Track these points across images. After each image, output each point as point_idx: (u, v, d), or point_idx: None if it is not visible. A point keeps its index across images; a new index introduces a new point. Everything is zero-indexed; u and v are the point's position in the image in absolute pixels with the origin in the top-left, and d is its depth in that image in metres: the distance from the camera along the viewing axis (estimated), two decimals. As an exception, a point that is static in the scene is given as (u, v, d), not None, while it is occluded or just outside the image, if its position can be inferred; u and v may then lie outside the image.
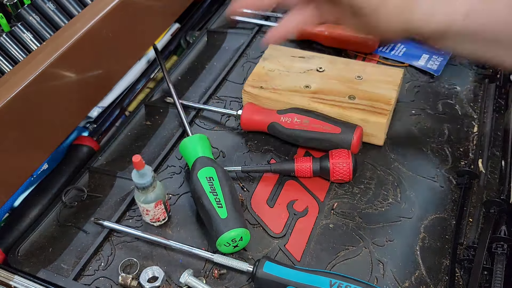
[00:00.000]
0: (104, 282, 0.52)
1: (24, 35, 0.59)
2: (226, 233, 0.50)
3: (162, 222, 0.57)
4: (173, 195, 0.61)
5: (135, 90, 0.79)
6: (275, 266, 0.49)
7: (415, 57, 0.76)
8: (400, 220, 0.56)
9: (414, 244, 0.54)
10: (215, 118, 0.70)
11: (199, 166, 0.56)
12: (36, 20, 0.60)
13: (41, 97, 0.54)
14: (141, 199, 0.53)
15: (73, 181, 0.63)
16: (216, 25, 0.88)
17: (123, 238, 0.56)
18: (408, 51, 0.77)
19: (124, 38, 0.65)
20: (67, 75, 0.57)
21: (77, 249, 0.56)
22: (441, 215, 0.56)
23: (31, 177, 0.63)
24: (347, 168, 0.58)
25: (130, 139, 0.70)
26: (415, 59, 0.75)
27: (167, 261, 0.54)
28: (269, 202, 0.59)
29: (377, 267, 0.52)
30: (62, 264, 0.55)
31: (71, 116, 0.60)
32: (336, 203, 0.58)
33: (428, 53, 0.76)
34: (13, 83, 0.51)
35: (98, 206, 0.60)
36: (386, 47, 0.78)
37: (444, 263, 0.52)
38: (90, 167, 0.65)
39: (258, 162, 0.64)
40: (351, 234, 0.55)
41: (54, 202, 0.61)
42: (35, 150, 0.56)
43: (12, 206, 0.62)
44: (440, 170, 0.61)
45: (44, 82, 0.54)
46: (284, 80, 0.67)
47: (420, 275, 0.51)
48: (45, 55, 0.54)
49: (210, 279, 0.52)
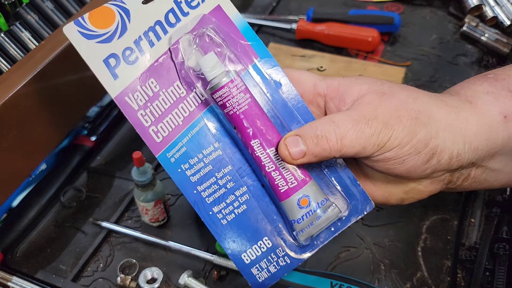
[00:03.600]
0: (103, 283, 0.52)
1: (23, 34, 0.58)
2: (226, 234, 0.50)
3: (162, 223, 0.57)
4: (173, 196, 0.60)
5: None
6: (275, 267, 0.49)
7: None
8: (401, 220, 0.56)
9: (416, 245, 0.53)
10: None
11: (198, 166, 0.56)
12: (35, 19, 0.60)
13: (39, 96, 0.54)
14: (141, 198, 0.53)
15: (71, 182, 0.63)
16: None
17: (122, 239, 0.56)
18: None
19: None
20: (66, 74, 0.57)
21: (76, 250, 0.56)
22: (442, 216, 0.56)
23: (29, 177, 0.63)
24: (348, 168, 0.57)
25: (128, 139, 0.69)
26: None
27: (166, 262, 0.53)
28: (269, 203, 0.58)
29: (378, 268, 0.52)
30: (61, 265, 0.54)
31: (70, 116, 0.60)
32: (337, 203, 0.58)
33: None
34: (12, 82, 0.51)
35: (97, 206, 0.60)
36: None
37: (446, 264, 0.52)
38: (88, 167, 0.64)
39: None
40: (352, 235, 0.55)
41: (53, 202, 0.61)
42: (33, 150, 0.55)
43: (10, 206, 0.62)
44: (442, 170, 0.60)
45: (42, 81, 0.53)
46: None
47: (422, 276, 0.51)
48: (43, 54, 0.54)
49: (209, 280, 0.52)
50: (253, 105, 0.36)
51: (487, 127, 0.36)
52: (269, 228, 0.38)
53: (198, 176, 0.38)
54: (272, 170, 0.36)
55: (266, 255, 0.38)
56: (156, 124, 0.37)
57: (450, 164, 0.36)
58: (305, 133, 0.35)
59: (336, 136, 0.35)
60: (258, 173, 0.38)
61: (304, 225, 0.37)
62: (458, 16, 0.82)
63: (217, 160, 0.38)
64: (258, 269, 0.38)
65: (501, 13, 0.78)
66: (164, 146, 0.37)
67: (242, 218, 0.38)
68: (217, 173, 0.38)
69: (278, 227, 0.38)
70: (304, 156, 0.35)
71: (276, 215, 0.39)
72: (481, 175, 0.39)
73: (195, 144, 0.38)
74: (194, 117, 0.38)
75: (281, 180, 0.36)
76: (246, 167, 0.38)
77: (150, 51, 0.37)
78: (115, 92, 0.36)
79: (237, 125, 0.36)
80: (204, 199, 0.38)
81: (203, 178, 0.38)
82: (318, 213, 0.36)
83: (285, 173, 0.36)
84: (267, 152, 0.36)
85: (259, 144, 0.36)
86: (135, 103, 0.37)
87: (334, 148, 0.35)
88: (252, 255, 0.38)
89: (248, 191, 0.38)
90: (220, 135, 0.38)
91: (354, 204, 0.38)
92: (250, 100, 0.36)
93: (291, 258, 0.38)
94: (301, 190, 0.36)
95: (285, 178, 0.36)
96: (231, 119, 0.36)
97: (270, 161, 0.36)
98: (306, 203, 0.36)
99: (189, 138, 0.38)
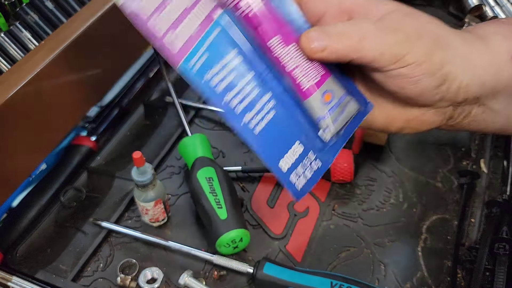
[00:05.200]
0: (103, 283, 0.52)
1: (23, 34, 0.58)
2: (226, 234, 0.50)
3: (162, 223, 0.57)
4: (173, 196, 0.60)
5: (134, 89, 0.78)
6: (275, 267, 0.49)
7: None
8: (401, 220, 0.56)
9: (416, 245, 0.53)
10: (215, 117, 0.70)
11: (198, 166, 0.56)
12: (35, 19, 0.60)
13: (39, 96, 0.54)
14: (141, 198, 0.53)
15: (71, 181, 0.63)
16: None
17: (122, 239, 0.56)
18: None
19: (123, 36, 0.65)
20: (66, 74, 0.57)
21: (76, 250, 0.56)
22: (442, 216, 0.56)
23: (29, 177, 0.63)
24: (348, 168, 0.57)
25: (128, 139, 0.69)
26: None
27: (166, 262, 0.53)
28: (270, 203, 0.58)
29: (378, 268, 0.52)
30: (61, 265, 0.54)
31: (70, 116, 0.60)
32: (337, 203, 0.58)
33: None
34: (12, 82, 0.51)
35: (97, 206, 0.60)
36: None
37: (446, 264, 0.52)
38: (88, 167, 0.64)
39: (258, 162, 0.63)
40: (352, 235, 0.55)
41: (53, 202, 0.61)
42: (33, 150, 0.55)
43: (10, 206, 0.62)
44: (442, 170, 0.60)
45: (42, 81, 0.53)
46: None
47: (422, 276, 0.51)
48: (43, 54, 0.54)
49: (209, 280, 0.52)
50: (267, 2, 0.35)
51: (495, 64, 0.37)
52: (298, 131, 0.38)
53: (224, 85, 0.36)
54: (292, 69, 0.36)
55: (300, 159, 0.38)
56: (172, 31, 0.35)
57: (457, 94, 0.37)
58: (328, 29, 0.36)
59: (358, 35, 0.35)
60: (279, 77, 0.37)
61: (329, 122, 0.37)
62: (458, 16, 0.82)
63: (239, 67, 0.36)
64: (296, 175, 0.38)
65: (501, 13, 0.78)
66: (184, 56, 0.35)
67: (273, 125, 0.37)
68: (241, 80, 0.36)
69: (306, 130, 0.38)
70: (324, 51, 0.35)
71: (302, 117, 0.38)
72: (480, 115, 0.40)
73: (214, 51, 0.36)
74: (209, 22, 0.36)
75: (303, 77, 0.36)
76: (268, 72, 0.37)
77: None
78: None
79: (252, 26, 0.35)
80: (233, 109, 0.36)
81: (229, 86, 0.36)
82: (341, 108, 0.37)
83: (306, 69, 0.36)
84: (286, 50, 0.35)
85: (278, 41, 0.35)
86: (146, 9, 0.35)
87: (354, 46, 0.35)
88: (288, 162, 0.37)
89: (273, 96, 0.37)
90: (237, 41, 0.37)
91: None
92: (269, 11, 0.35)
93: (322, 159, 0.38)
94: (323, 85, 0.36)
95: (307, 74, 0.36)
96: (246, 21, 0.35)
97: (290, 59, 0.35)
98: (329, 97, 0.37)
99: (208, 45, 0.36)
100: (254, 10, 0.35)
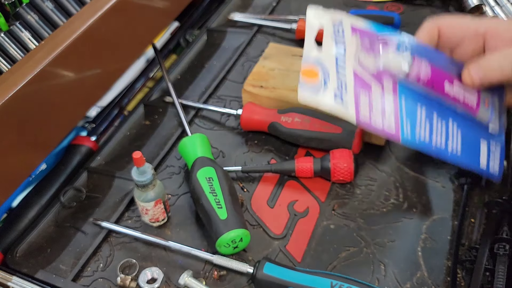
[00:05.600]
0: (103, 283, 0.52)
1: (23, 34, 0.58)
2: (226, 234, 0.50)
3: (162, 223, 0.57)
4: (172, 196, 0.60)
5: (134, 89, 0.79)
6: (275, 267, 0.49)
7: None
8: (401, 220, 0.56)
9: (416, 245, 0.53)
10: (215, 117, 0.70)
11: (198, 166, 0.56)
12: (35, 19, 0.60)
13: (39, 96, 0.54)
14: (141, 198, 0.53)
15: (71, 181, 0.63)
16: (215, 24, 0.87)
17: (122, 239, 0.56)
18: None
19: (123, 36, 0.65)
20: (66, 74, 0.57)
21: (76, 250, 0.56)
22: (443, 216, 0.56)
23: (29, 177, 0.63)
24: (348, 168, 0.57)
25: (129, 139, 0.69)
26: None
27: (166, 262, 0.53)
28: (270, 203, 0.58)
29: (378, 268, 0.52)
30: (61, 265, 0.54)
31: (70, 116, 0.60)
32: (337, 203, 0.58)
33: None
34: (12, 82, 0.51)
35: (97, 206, 0.60)
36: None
37: (446, 264, 0.52)
38: (88, 167, 0.64)
39: (258, 162, 0.63)
40: (352, 235, 0.55)
41: (53, 202, 0.61)
42: (33, 150, 0.55)
43: (10, 206, 0.62)
44: (442, 170, 0.60)
45: (42, 81, 0.53)
46: (284, 79, 0.67)
47: (422, 276, 0.51)
48: (43, 54, 0.54)
49: (209, 280, 0.52)
50: (434, 69, 0.52)
51: None
52: (478, 135, 0.52)
53: (427, 135, 0.50)
54: (462, 98, 0.52)
55: (488, 153, 0.52)
56: (382, 119, 0.50)
57: None
58: (483, 64, 0.49)
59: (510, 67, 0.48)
60: (450, 106, 0.52)
61: (494, 120, 0.52)
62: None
63: (427, 115, 0.51)
64: (492, 164, 0.52)
65: (501, 13, 0.78)
66: (399, 132, 0.50)
67: (463, 140, 0.51)
68: (433, 124, 0.51)
69: (482, 131, 0.53)
70: (482, 80, 0.49)
71: (475, 125, 0.52)
72: None
73: (410, 115, 0.50)
74: (396, 97, 0.50)
75: (469, 101, 0.52)
76: (441, 107, 0.51)
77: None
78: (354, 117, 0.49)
79: (433, 86, 0.51)
80: (439, 147, 0.51)
81: (430, 133, 0.50)
82: (494, 106, 0.53)
83: (470, 95, 0.52)
84: (452, 88, 0.51)
85: (447, 86, 0.51)
86: (365, 115, 0.49)
87: (509, 77, 0.48)
88: (484, 158, 0.52)
89: (454, 121, 0.52)
90: (416, 97, 0.51)
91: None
92: (430, 67, 0.52)
93: (499, 143, 0.53)
94: (481, 97, 0.52)
95: (471, 97, 0.52)
96: (425, 85, 0.51)
97: (459, 92, 0.52)
98: (487, 103, 0.52)
99: (405, 114, 0.50)
100: (422, 76, 0.51)
